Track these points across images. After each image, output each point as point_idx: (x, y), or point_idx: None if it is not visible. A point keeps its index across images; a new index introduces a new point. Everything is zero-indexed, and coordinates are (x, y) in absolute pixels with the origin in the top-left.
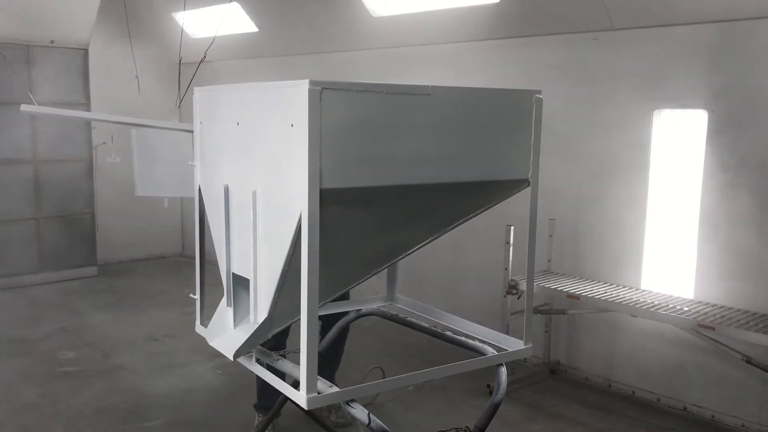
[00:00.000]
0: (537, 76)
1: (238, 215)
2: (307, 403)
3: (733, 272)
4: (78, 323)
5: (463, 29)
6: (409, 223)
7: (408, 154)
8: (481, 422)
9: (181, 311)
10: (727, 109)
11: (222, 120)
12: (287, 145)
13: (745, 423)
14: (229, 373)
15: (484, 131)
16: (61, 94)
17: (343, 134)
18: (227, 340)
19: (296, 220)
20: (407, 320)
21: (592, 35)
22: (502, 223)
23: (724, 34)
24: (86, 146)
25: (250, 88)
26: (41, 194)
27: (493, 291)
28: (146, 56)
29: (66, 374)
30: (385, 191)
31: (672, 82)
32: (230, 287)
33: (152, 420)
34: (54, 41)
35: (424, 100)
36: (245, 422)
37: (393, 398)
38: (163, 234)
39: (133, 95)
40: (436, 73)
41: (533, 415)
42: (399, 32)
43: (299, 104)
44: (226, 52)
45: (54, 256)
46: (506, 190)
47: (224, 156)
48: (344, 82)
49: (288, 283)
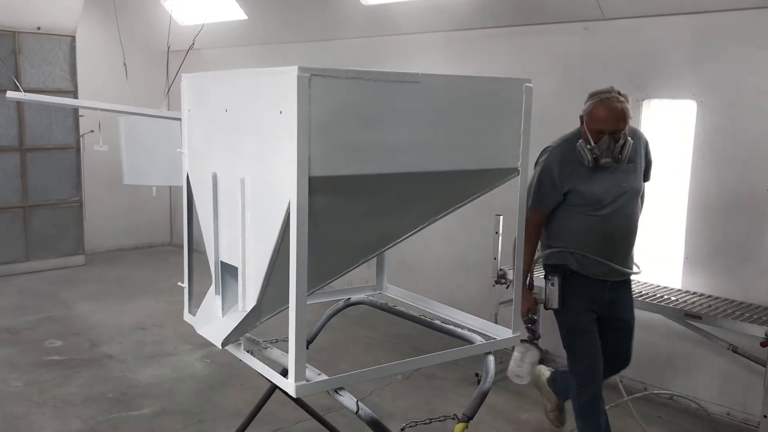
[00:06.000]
0: (527, 66)
1: (226, 203)
2: (296, 390)
3: (721, 262)
4: (65, 312)
5: (452, 18)
6: (398, 211)
7: (397, 142)
8: (469, 410)
9: (170, 300)
10: (717, 99)
11: (210, 107)
12: (276, 132)
13: (730, 411)
14: (217, 362)
15: (474, 120)
16: (48, 81)
17: (333, 122)
18: (215, 328)
19: (285, 208)
20: (396, 309)
21: (583, 25)
22: (492, 213)
23: (714, 25)
24: (74, 134)
25: (238, 74)
26: (28, 183)
27: (483, 280)
28: (134, 43)
29: (53, 363)
30: (374, 179)
31: (661, 72)
32: (218, 275)
33: (140, 409)
34: (41, 28)
35: (413, 87)
36: (234, 411)
37: (382, 387)
38: (152, 223)
39: (121, 83)
40: (426, 62)
41: (521, 403)
42: (388, 21)
43: (288, 91)
44: (215, 40)
45: (41, 244)
46: (495, 178)
47: (212, 144)
48: (333, 69)
49: (276, 272)
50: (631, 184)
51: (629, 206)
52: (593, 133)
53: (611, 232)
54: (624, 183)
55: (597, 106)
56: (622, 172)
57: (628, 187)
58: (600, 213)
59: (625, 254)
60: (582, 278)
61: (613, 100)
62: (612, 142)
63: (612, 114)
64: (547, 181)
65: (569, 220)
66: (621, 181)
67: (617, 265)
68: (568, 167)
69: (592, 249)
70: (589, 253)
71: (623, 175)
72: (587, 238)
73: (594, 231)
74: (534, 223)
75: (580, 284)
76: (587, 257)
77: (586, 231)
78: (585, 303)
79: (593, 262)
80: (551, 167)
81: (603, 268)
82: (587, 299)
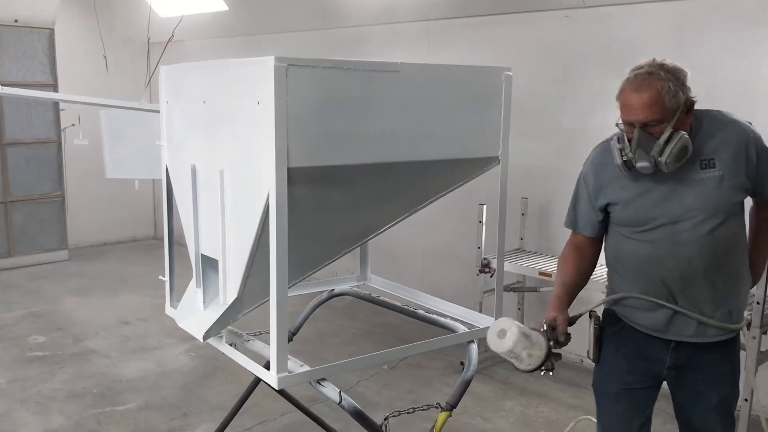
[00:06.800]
0: (509, 54)
1: (205, 195)
2: (278, 382)
3: None
4: (48, 308)
5: (434, 7)
6: (379, 201)
7: (377, 131)
8: (452, 399)
9: (154, 294)
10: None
11: (188, 99)
12: (254, 123)
13: None
14: (201, 355)
15: (454, 109)
16: (28, 75)
17: (311, 112)
18: (197, 321)
19: (264, 199)
20: (380, 300)
21: (564, 13)
22: (475, 202)
23: (694, 11)
24: (54, 128)
25: (215, 65)
26: (8, 178)
27: (467, 270)
28: (114, 36)
29: (36, 359)
30: (354, 170)
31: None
32: (199, 268)
33: (124, 404)
34: (18, 20)
35: (392, 77)
36: (218, 404)
37: (368, 377)
38: (135, 217)
39: (102, 75)
40: (407, 52)
41: (506, 391)
42: (370, 10)
43: (265, 81)
44: (196, 32)
45: (24, 240)
46: (476, 168)
47: (191, 135)
48: (311, 59)
49: (257, 264)
50: (706, 199)
51: (700, 230)
52: (625, 126)
53: (668, 268)
54: (690, 197)
55: (623, 87)
56: (691, 182)
57: (697, 203)
58: (651, 237)
59: (700, 301)
60: (629, 329)
61: (643, 78)
62: (648, 138)
63: (639, 98)
64: (582, 191)
65: (616, 244)
66: (686, 193)
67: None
68: (607, 173)
69: (642, 288)
70: (641, 294)
71: (691, 185)
72: (638, 273)
73: (646, 263)
74: (569, 246)
75: (624, 337)
76: (640, 299)
77: (637, 262)
78: (628, 364)
79: (648, 306)
80: (587, 174)
81: (659, 317)
82: (634, 359)
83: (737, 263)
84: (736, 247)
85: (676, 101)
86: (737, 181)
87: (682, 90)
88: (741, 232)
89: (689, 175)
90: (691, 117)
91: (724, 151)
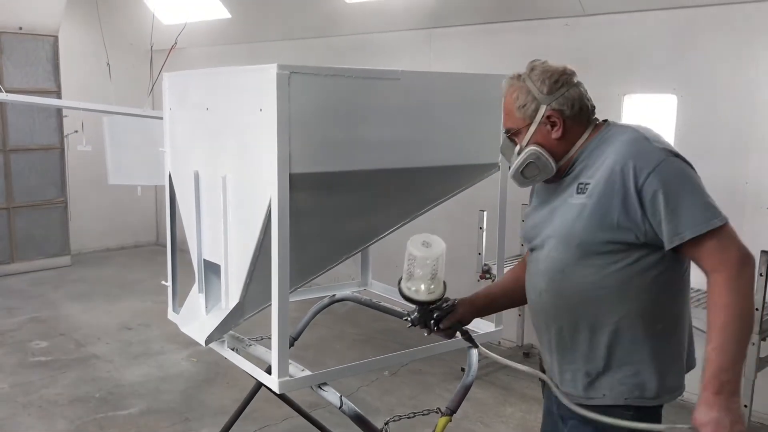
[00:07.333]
0: (509, 62)
1: (208, 201)
2: (279, 386)
3: None
4: (51, 313)
5: (435, 15)
6: (379, 207)
7: (378, 138)
8: (452, 404)
9: (156, 300)
10: (696, 93)
11: (191, 106)
12: (256, 129)
13: None
14: (203, 360)
15: (454, 116)
16: (31, 81)
17: (313, 119)
18: (199, 326)
19: (266, 205)
20: (380, 305)
21: (564, 21)
22: (476, 208)
23: (692, 20)
24: (57, 134)
25: (218, 72)
26: (12, 183)
27: (468, 276)
28: (117, 43)
29: (39, 364)
30: (355, 176)
31: (641, 68)
32: (201, 273)
33: (127, 408)
34: (22, 28)
35: (393, 84)
36: (220, 409)
37: (369, 383)
38: (138, 223)
39: (105, 82)
40: (409, 59)
41: (506, 397)
42: (371, 18)
43: (268, 88)
44: (199, 39)
45: (26, 246)
46: (476, 174)
47: (194, 142)
48: (313, 66)
49: (259, 269)
50: (563, 228)
51: (551, 262)
52: None
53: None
54: (557, 221)
55: None
56: (565, 206)
57: (555, 231)
58: (529, 260)
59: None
60: None
61: (509, 82)
62: (509, 146)
63: (502, 102)
64: None
65: None
66: (555, 217)
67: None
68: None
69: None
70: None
71: (561, 209)
72: None
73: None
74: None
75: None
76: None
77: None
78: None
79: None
80: None
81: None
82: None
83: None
84: (601, 298)
85: (523, 112)
86: (601, 214)
87: (545, 101)
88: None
89: (567, 198)
90: (576, 131)
91: (601, 176)
